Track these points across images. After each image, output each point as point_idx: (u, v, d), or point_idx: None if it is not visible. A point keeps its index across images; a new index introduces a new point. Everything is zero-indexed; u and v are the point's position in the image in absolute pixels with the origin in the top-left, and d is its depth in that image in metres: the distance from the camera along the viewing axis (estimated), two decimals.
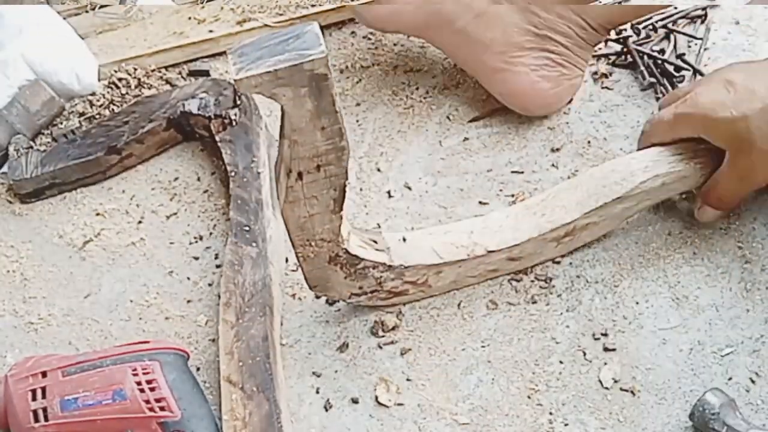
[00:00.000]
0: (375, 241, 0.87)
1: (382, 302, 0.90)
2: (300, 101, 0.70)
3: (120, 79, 1.15)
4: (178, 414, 0.79)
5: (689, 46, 1.12)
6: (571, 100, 1.07)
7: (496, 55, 1.04)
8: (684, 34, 1.12)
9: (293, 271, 0.95)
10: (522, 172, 1.02)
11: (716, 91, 0.87)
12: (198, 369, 0.89)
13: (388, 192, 1.02)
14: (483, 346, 0.88)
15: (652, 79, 1.08)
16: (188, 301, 0.96)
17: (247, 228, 0.95)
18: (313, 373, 0.88)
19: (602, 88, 1.09)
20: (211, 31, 1.19)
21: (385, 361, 0.88)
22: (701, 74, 1.07)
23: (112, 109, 1.12)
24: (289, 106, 0.70)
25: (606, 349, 0.87)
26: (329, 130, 0.73)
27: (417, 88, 1.12)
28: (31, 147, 1.08)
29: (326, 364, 0.89)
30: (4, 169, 1.09)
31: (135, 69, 1.16)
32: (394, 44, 1.17)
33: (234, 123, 1.05)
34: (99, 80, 1.15)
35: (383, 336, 0.90)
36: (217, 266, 0.98)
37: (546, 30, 1.03)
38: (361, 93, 1.13)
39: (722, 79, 0.88)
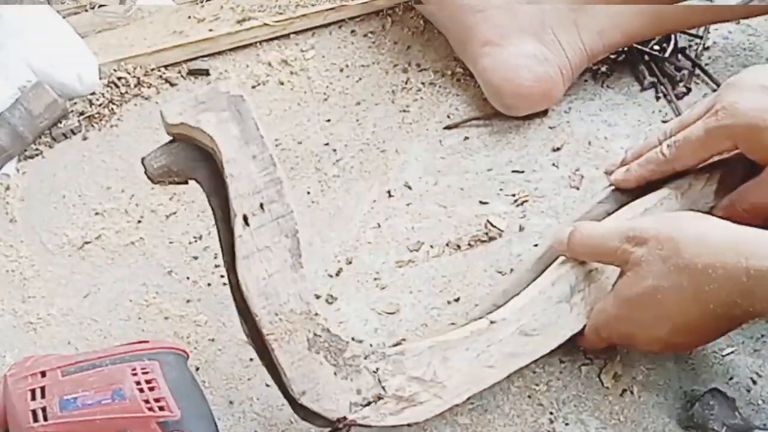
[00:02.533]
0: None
1: (394, 419, 0.73)
2: (225, 127, 0.70)
3: (119, 78, 1.15)
4: (178, 414, 0.78)
5: (689, 46, 1.12)
6: (546, 111, 1.06)
7: (495, 27, 1.03)
8: (684, 33, 1.12)
9: None
10: (522, 172, 1.02)
11: (756, 99, 0.78)
12: (198, 369, 0.89)
13: (388, 191, 1.02)
14: None
15: (653, 79, 1.07)
16: (188, 301, 0.95)
17: None
18: None
19: (603, 87, 1.09)
20: (210, 30, 1.19)
21: None
22: (702, 69, 1.07)
23: (112, 109, 1.12)
24: (217, 133, 0.69)
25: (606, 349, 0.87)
26: (260, 158, 0.71)
27: (417, 88, 1.12)
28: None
29: None
30: (5, 170, 1.09)
31: (134, 68, 1.16)
32: (394, 43, 1.17)
33: None
34: (99, 79, 1.15)
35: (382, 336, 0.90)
36: (216, 266, 0.98)
37: (553, 23, 1.02)
38: (361, 92, 1.12)
39: (757, 85, 0.79)
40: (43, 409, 0.79)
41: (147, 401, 0.78)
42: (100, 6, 1.25)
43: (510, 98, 1.04)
